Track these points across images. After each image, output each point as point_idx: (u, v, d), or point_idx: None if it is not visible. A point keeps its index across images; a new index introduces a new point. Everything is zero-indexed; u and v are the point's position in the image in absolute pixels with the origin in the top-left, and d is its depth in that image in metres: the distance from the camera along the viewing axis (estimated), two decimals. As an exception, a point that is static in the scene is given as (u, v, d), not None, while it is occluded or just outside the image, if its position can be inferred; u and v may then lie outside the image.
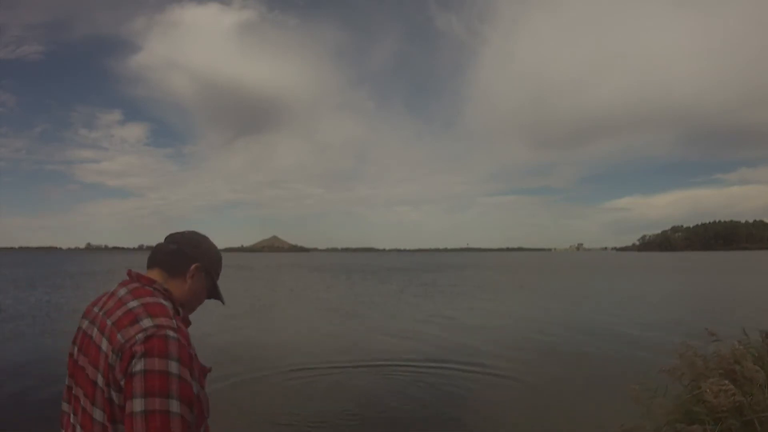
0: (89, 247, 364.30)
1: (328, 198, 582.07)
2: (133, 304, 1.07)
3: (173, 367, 0.98)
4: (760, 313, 11.70)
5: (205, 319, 10.48)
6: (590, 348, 8.58)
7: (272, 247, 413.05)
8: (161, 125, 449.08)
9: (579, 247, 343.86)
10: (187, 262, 1.22)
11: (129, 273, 1.20)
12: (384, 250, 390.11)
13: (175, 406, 0.96)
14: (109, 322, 1.05)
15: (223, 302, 1.38)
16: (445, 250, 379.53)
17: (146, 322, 1.02)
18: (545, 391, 6.00)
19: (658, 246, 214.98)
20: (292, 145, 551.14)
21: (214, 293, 1.33)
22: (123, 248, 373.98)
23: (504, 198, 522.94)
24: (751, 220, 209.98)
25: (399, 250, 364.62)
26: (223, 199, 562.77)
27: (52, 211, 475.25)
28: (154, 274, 1.19)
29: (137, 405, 0.94)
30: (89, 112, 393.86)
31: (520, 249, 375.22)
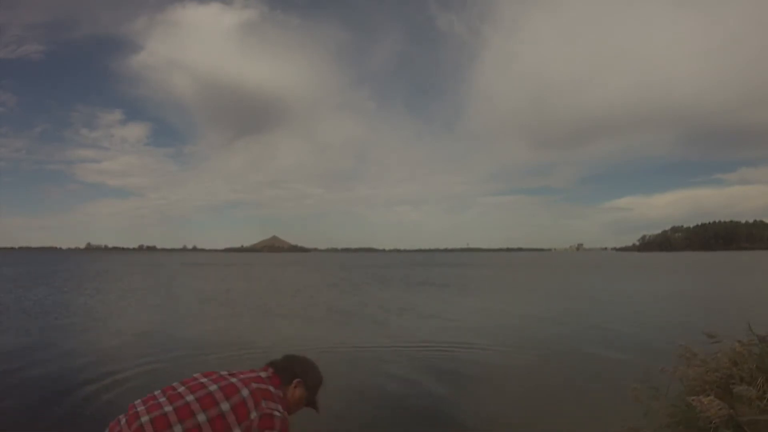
0: (89, 247, 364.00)
1: (328, 198, 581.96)
2: (272, 388, 1.65)
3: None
4: (761, 313, 11.70)
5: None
6: (591, 347, 8.56)
7: (272, 247, 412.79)
8: (162, 125, 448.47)
9: (579, 247, 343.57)
10: (293, 377, 1.79)
11: (267, 367, 1.81)
12: (384, 250, 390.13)
13: None
14: (254, 386, 1.61)
15: (317, 411, 1.93)
16: (445, 250, 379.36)
17: (273, 405, 1.56)
18: (545, 390, 5.99)
19: (658, 246, 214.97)
20: (293, 145, 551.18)
21: (312, 404, 1.89)
22: (123, 248, 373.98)
23: (504, 198, 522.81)
24: (751, 220, 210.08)
25: (399, 251, 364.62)
26: (223, 199, 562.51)
27: (52, 211, 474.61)
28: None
29: None
30: (90, 111, 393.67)
31: (519, 249, 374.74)
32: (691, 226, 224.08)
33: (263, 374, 1.67)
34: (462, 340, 9.38)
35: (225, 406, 1.42)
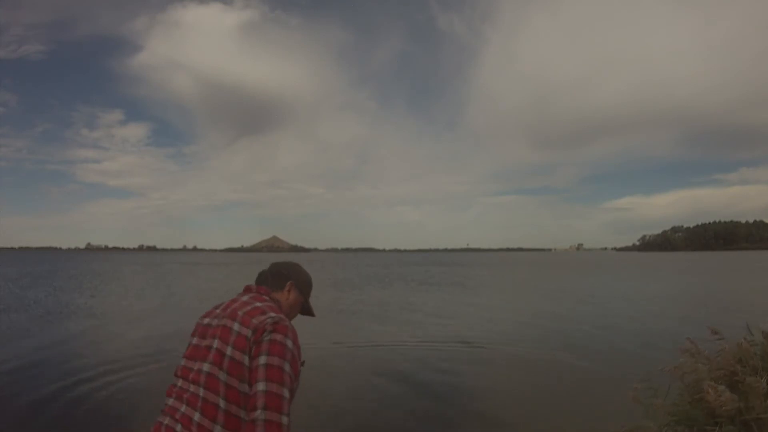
0: (89, 247, 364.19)
1: (328, 198, 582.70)
2: (258, 303, 1.54)
3: (289, 343, 1.42)
4: (762, 313, 11.67)
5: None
6: (591, 346, 8.54)
7: (272, 247, 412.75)
8: (162, 125, 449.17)
9: (579, 247, 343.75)
10: (284, 280, 1.72)
11: (248, 287, 1.67)
12: (384, 250, 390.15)
13: (287, 366, 1.37)
14: (240, 313, 1.48)
15: (313, 315, 1.85)
16: (446, 250, 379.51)
17: (273, 314, 1.48)
18: (545, 389, 5.96)
19: (658, 246, 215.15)
20: (294, 145, 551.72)
21: (307, 309, 1.81)
22: (123, 248, 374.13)
23: (504, 198, 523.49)
24: (751, 220, 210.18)
25: (399, 250, 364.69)
26: (223, 198, 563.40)
27: (52, 211, 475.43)
28: (259, 289, 1.66)
29: (262, 360, 1.36)
30: (90, 111, 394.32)
31: (520, 249, 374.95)
32: (691, 226, 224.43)
33: (246, 297, 1.59)
34: (461, 338, 9.35)
35: (229, 351, 1.41)
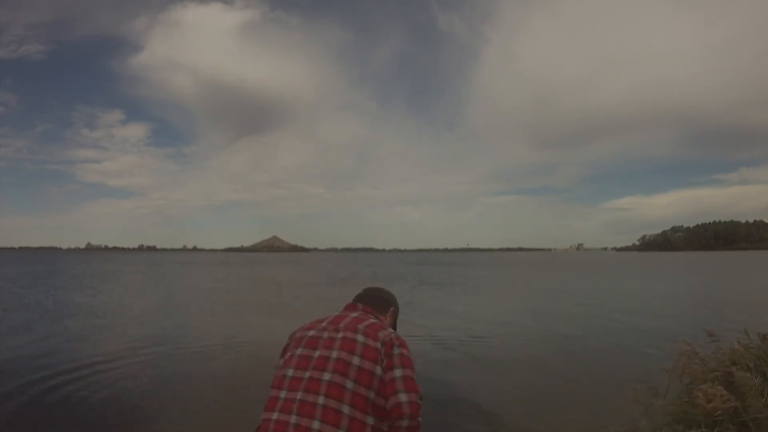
0: (89, 247, 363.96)
1: (328, 198, 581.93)
2: (373, 320, 1.70)
3: (411, 356, 1.63)
4: (761, 313, 11.69)
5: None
6: (591, 346, 8.56)
7: (272, 247, 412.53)
8: (163, 125, 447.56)
9: (579, 247, 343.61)
10: (387, 306, 1.91)
11: (352, 305, 1.83)
12: (384, 250, 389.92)
13: (414, 376, 1.58)
14: (361, 327, 1.61)
15: None
16: (446, 250, 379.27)
17: (392, 330, 1.67)
18: (544, 389, 5.97)
19: (658, 246, 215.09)
20: (294, 145, 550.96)
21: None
22: (123, 248, 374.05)
23: (504, 198, 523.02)
24: (751, 220, 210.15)
25: (399, 250, 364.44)
26: (223, 198, 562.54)
27: (52, 211, 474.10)
28: (364, 308, 1.82)
29: (398, 372, 1.54)
30: (91, 111, 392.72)
31: (520, 249, 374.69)
32: (691, 226, 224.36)
33: (355, 314, 1.72)
34: (460, 338, 9.37)
35: (357, 360, 1.51)
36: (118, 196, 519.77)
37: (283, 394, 1.50)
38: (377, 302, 1.88)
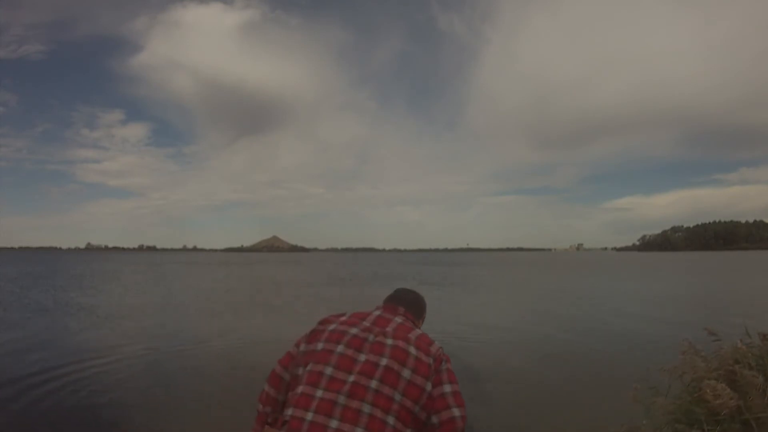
0: (89, 247, 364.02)
1: (328, 198, 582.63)
2: (419, 330, 1.65)
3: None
4: (761, 313, 11.68)
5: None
6: (591, 346, 8.55)
7: (272, 247, 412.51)
8: (163, 125, 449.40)
9: (579, 247, 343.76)
10: (423, 312, 1.87)
11: (392, 307, 1.74)
12: (384, 250, 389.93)
13: (460, 391, 1.55)
14: (412, 337, 1.56)
15: None
16: (446, 250, 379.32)
17: (439, 345, 1.61)
18: (545, 390, 5.97)
19: (658, 246, 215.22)
20: (294, 145, 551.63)
21: None
22: (123, 248, 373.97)
23: (504, 198, 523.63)
24: (751, 220, 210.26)
25: (399, 250, 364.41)
26: (223, 198, 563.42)
27: (52, 211, 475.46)
28: (405, 313, 1.75)
29: (447, 388, 1.51)
30: (91, 111, 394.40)
31: (520, 249, 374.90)
32: (691, 226, 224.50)
33: (399, 319, 1.66)
34: (460, 338, 9.35)
35: (408, 374, 1.47)
36: (118, 196, 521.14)
37: (319, 393, 1.41)
38: (415, 307, 1.82)
